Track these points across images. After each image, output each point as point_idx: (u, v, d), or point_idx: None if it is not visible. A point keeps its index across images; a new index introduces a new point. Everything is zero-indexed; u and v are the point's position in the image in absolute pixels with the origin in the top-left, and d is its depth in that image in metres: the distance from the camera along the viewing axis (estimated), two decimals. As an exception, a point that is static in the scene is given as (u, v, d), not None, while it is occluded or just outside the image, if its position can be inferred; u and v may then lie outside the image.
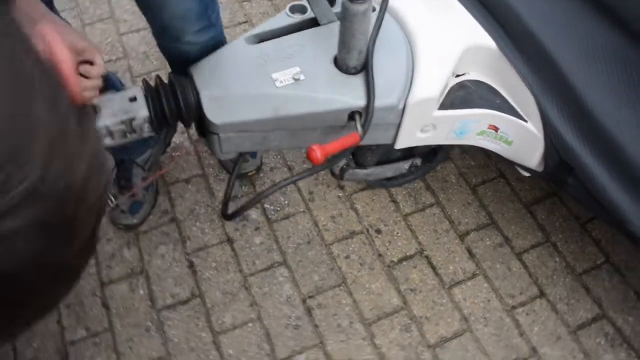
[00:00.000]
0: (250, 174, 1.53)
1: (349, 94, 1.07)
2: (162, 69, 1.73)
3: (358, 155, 1.42)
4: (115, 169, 1.47)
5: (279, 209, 1.53)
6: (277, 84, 1.07)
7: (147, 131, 1.07)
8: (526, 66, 1.10)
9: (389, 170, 1.45)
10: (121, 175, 1.45)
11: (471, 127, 1.15)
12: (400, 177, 1.54)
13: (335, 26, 1.11)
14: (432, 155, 1.51)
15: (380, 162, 1.43)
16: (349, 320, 1.37)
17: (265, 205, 1.53)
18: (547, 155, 1.14)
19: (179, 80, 1.06)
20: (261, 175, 1.58)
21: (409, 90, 1.09)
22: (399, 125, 1.14)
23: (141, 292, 1.40)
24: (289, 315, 1.38)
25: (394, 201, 1.55)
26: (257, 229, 1.50)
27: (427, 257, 1.47)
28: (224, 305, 1.39)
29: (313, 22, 1.16)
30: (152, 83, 1.07)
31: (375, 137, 1.18)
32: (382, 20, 1.06)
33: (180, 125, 1.61)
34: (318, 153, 1.00)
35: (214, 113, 1.06)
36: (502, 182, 1.59)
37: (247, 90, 1.08)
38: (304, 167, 1.60)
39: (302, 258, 1.46)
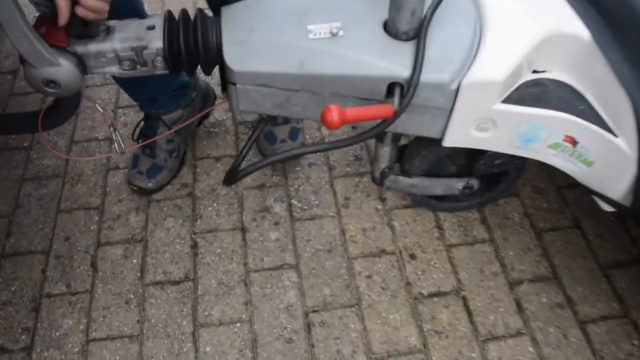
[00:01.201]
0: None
1: (391, 59, 0.89)
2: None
3: (405, 159, 1.21)
4: (140, 123, 1.38)
5: (306, 207, 1.35)
6: (310, 35, 0.91)
7: (159, 66, 0.95)
8: (628, 67, 0.86)
9: (438, 186, 1.23)
10: (144, 130, 1.35)
11: (541, 134, 0.92)
12: (453, 200, 1.31)
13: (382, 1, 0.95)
14: (494, 182, 1.27)
15: (429, 174, 1.22)
16: (352, 348, 1.14)
17: (292, 201, 1.36)
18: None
19: (204, 18, 0.94)
20: (297, 169, 1.42)
21: (468, 69, 0.89)
22: (449, 114, 0.94)
23: (134, 261, 1.26)
24: (285, 325, 1.17)
25: (440, 227, 1.31)
26: (276, 223, 1.32)
27: (464, 298, 1.21)
28: (215, 297, 1.21)
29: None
30: (176, 16, 0.96)
31: (419, 124, 0.97)
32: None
33: (225, 103, 1.53)
34: (334, 114, 0.82)
35: (233, 58, 0.92)
36: (576, 233, 1.30)
37: (273, 37, 0.93)
38: (347, 170, 1.41)
39: (316, 266, 1.26)
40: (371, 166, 1.26)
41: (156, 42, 0.92)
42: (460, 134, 0.97)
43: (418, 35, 0.89)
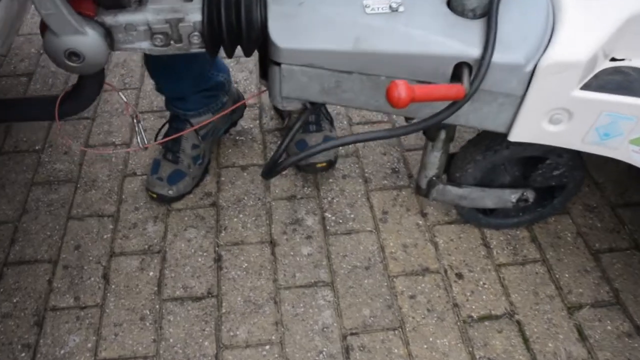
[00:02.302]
0: (319, 165, 1.26)
1: (459, 37, 0.80)
2: None
3: (455, 166, 1.11)
4: (165, 124, 1.28)
5: (341, 221, 1.24)
6: (367, 10, 0.83)
7: (196, 43, 0.85)
8: None
9: (490, 198, 1.12)
10: (170, 133, 1.25)
11: (624, 127, 0.83)
12: (502, 216, 1.20)
13: None
14: (547, 197, 1.16)
15: (481, 183, 1.11)
16: (397, 376, 1.01)
17: (326, 214, 1.24)
18: None
19: None
20: (330, 180, 1.31)
21: (544, 50, 0.80)
22: (520, 102, 0.84)
23: (151, 273, 1.14)
24: (320, 349, 1.04)
25: (487, 245, 1.20)
26: (308, 237, 1.21)
27: (518, 323, 1.08)
28: (242, 316, 1.08)
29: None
30: None
31: (484, 115, 0.88)
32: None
33: (252, 111, 1.44)
34: (402, 90, 0.72)
35: (279, 34, 0.82)
36: (637, 256, 1.19)
37: (326, 11, 0.84)
38: (384, 183, 1.31)
39: (354, 284, 1.13)
40: (417, 175, 1.16)
41: (194, 14, 0.83)
42: (530, 127, 0.87)
43: (488, 11, 0.80)
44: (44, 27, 0.79)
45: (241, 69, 1.59)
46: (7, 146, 1.37)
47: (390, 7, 0.83)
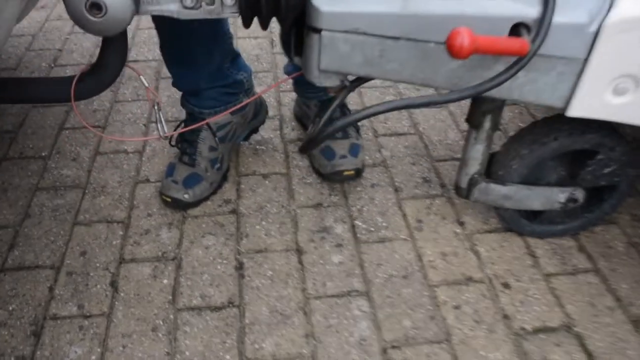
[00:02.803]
0: (347, 173, 1.17)
1: (516, -3, 0.75)
2: None
3: (499, 163, 1.03)
4: (181, 124, 1.21)
5: (373, 229, 1.14)
6: None
7: (229, 5, 0.78)
8: None
9: (536, 198, 1.04)
10: (185, 134, 1.18)
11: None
12: (547, 222, 1.10)
13: None
14: (595, 202, 1.08)
15: (527, 182, 1.03)
16: (448, 392, 0.87)
17: (356, 222, 1.14)
18: None
19: None
20: (358, 189, 1.22)
21: (609, 7, 0.74)
22: (581, 70, 0.78)
23: (164, 281, 1.02)
24: (358, 363, 0.91)
25: (532, 254, 1.10)
26: (338, 245, 1.10)
27: (578, 336, 0.96)
28: (267, 327, 0.96)
29: None
30: None
31: (540, 87, 0.81)
32: None
33: (273, 122, 1.37)
34: (465, 38, 0.66)
35: None
36: (697, 266, 1.09)
37: (372, -28, 0.79)
38: (416, 192, 1.22)
39: (392, 294, 1.02)
40: (456, 174, 1.07)
41: None
42: (591, 99, 0.80)
43: None
44: None
45: (259, 83, 1.54)
46: (13, 152, 1.28)
47: None
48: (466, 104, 1.00)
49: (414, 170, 1.27)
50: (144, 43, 1.73)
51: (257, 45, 1.73)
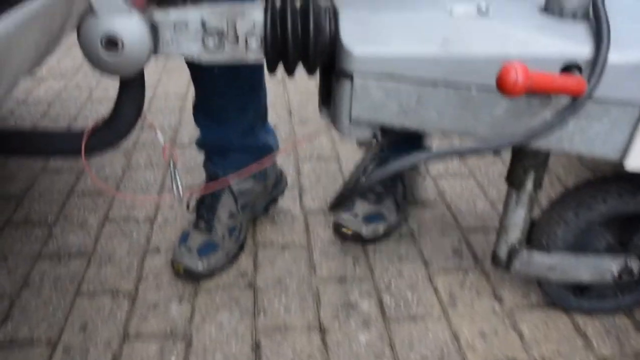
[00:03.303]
0: (344, 230, 1.09)
1: (564, 37, 0.70)
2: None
3: (542, 230, 0.95)
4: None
5: (402, 305, 1.03)
6: (452, 12, 0.74)
7: (253, 48, 0.74)
8: None
9: (585, 268, 0.94)
10: (205, 200, 1.10)
11: None
12: (596, 297, 1.00)
13: None
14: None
15: (573, 248, 0.94)
16: None
17: (384, 297, 1.04)
18: None
19: (315, 0, 0.76)
20: (385, 262, 1.12)
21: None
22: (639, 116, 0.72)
23: (173, 361, 0.91)
24: None
25: (582, 334, 0.98)
26: (365, 323, 0.99)
27: None
28: (289, 415, 0.84)
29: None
30: None
31: (593, 136, 0.75)
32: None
33: (292, 192, 1.31)
34: (519, 73, 0.60)
35: (354, 39, 0.72)
36: None
37: (406, 14, 0.75)
38: (447, 265, 1.13)
39: (427, 378, 0.90)
40: (495, 243, 0.98)
41: (256, 12, 0.73)
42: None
43: (594, 8, 0.71)
44: (79, 27, 0.69)
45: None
46: (17, 217, 1.21)
47: (478, 8, 0.74)
48: (493, 172, 0.94)
49: (444, 242, 1.18)
50: (160, 111, 1.71)
51: (275, 114, 1.71)
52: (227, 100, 1.06)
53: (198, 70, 1.04)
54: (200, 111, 1.11)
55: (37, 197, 1.28)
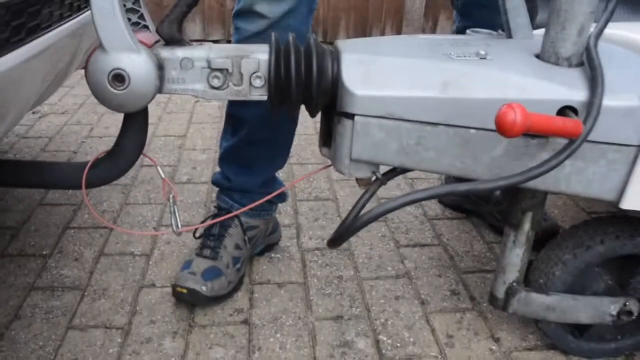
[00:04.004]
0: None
1: (560, 81, 0.73)
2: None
3: (539, 271, 0.95)
4: (211, 215, 1.16)
5: (399, 344, 1.02)
6: (453, 57, 0.77)
7: (257, 87, 0.76)
8: None
9: (584, 309, 0.94)
10: (213, 229, 1.11)
11: None
12: (596, 338, 0.99)
13: (531, 41, 0.84)
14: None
15: (572, 289, 0.94)
16: None
17: (380, 337, 1.03)
18: None
19: (317, 42, 0.79)
20: (381, 301, 1.11)
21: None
22: (635, 157, 0.73)
23: (165, 397, 0.89)
24: None
25: (583, 378, 0.97)
26: (361, 362, 0.98)
27: None
28: None
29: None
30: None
31: (590, 177, 0.76)
32: (613, 11, 0.77)
33: (289, 230, 1.31)
34: (518, 114, 0.62)
35: (355, 80, 0.75)
36: None
37: (407, 57, 0.77)
38: (444, 305, 1.12)
39: (425, 420, 0.88)
40: (492, 283, 0.98)
41: (260, 53, 0.76)
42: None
43: (587, 55, 0.74)
44: (90, 55, 0.71)
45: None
46: (12, 249, 1.20)
47: (478, 54, 0.77)
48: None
49: (441, 282, 1.18)
50: (160, 149, 1.73)
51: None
52: (261, 150, 1.10)
53: (238, 121, 1.08)
54: (231, 158, 1.13)
55: (33, 230, 1.27)
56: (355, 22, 3.12)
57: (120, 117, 0.78)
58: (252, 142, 1.09)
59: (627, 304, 0.93)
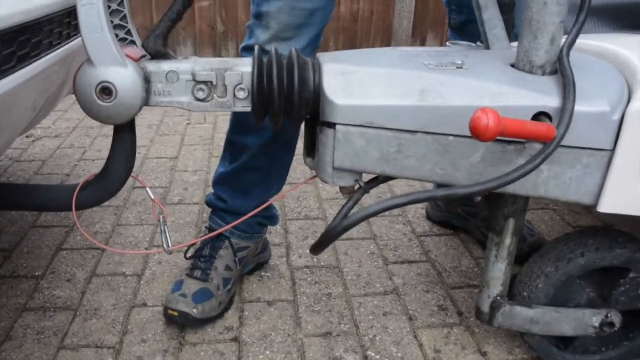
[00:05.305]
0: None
1: (534, 89, 0.76)
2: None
3: (522, 284, 0.97)
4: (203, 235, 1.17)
5: (387, 360, 1.03)
6: (431, 67, 0.80)
7: (240, 98, 0.79)
8: None
9: (567, 321, 0.96)
10: (204, 251, 1.13)
11: None
12: (581, 351, 1.01)
13: (508, 52, 0.88)
14: (636, 327, 0.99)
15: (555, 304, 0.96)
16: None
17: (368, 352, 1.04)
18: None
19: (300, 55, 0.82)
20: (370, 318, 1.13)
21: (629, 97, 0.75)
22: (609, 161, 0.76)
23: (156, 416, 0.89)
24: None
25: (568, 391, 0.99)
26: (349, 378, 0.99)
27: None
28: None
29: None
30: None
31: (567, 182, 0.79)
32: (583, 22, 0.80)
33: (279, 249, 1.32)
34: (491, 119, 0.65)
35: (336, 91, 0.77)
36: None
37: (386, 67, 0.80)
38: (432, 321, 1.13)
39: None
40: (477, 297, 1.00)
41: (244, 66, 0.79)
42: (623, 193, 0.77)
43: (559, 63, 0.77)
44: (79, 69, 0.74)
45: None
46: (4, 271, 1.21)
47: (454, 64, 0.80)
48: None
49: (429, 298, 1.19)
50: (152, 171, 1.75)
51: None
52: (258, 177, 1.13)
53: (239, 148, 1.11)
54: (227, 182, 1.15)
55: (26, 252, 1.29)
56: (344, 42, 3.18)
57: (111, 140, 0.81)
58: (250, 169, 1.12)
59: (609, 315, 0.95)
